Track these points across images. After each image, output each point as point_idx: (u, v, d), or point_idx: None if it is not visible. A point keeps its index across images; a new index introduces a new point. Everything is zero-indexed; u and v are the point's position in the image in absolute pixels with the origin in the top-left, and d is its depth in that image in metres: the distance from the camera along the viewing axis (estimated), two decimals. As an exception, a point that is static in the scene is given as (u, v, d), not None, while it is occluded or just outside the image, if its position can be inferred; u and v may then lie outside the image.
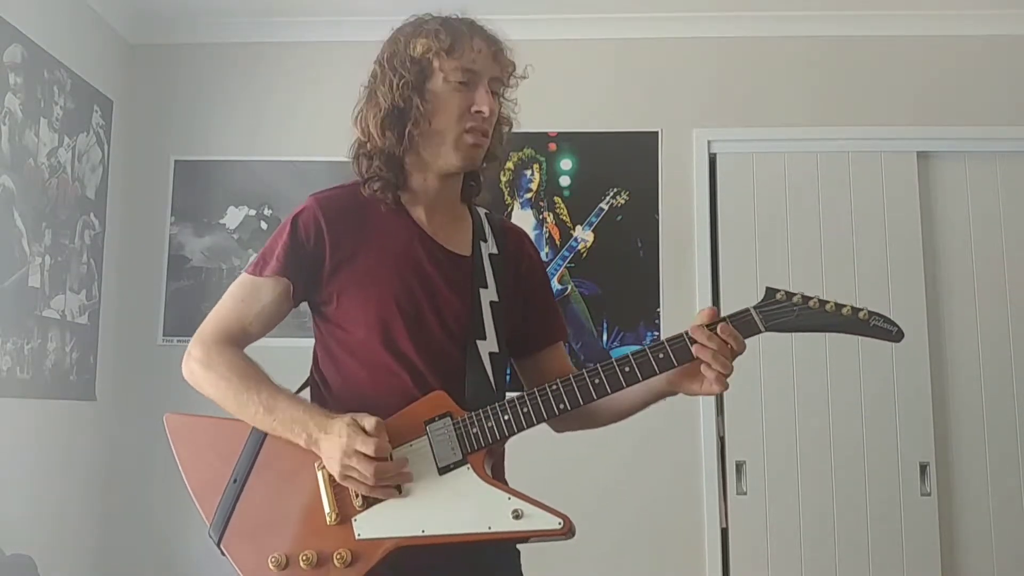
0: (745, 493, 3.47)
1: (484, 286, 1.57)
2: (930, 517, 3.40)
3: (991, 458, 3.47)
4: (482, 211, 1.68)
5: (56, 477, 3.32)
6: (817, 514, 3.43)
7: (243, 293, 1.54)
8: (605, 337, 3.59)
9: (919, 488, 3.42)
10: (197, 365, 1.51)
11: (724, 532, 3.46)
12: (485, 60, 1.53)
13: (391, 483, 1.40)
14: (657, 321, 3.58)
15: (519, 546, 1.54)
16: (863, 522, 3.42)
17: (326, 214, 1.53)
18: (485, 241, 1.62)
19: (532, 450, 1.56)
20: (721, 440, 3.54)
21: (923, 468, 3.43)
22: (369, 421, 1.39)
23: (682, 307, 3.57)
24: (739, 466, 3.49)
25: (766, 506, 3.46)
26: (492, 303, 1.56)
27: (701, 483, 3.48)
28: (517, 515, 1.38)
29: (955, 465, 3.48)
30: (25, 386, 3.11)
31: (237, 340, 1.53)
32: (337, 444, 1.38)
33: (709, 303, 3.56)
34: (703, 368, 1.42)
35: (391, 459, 1.40)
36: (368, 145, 1.54)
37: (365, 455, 1.37)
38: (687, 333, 1.44)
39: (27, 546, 3.00)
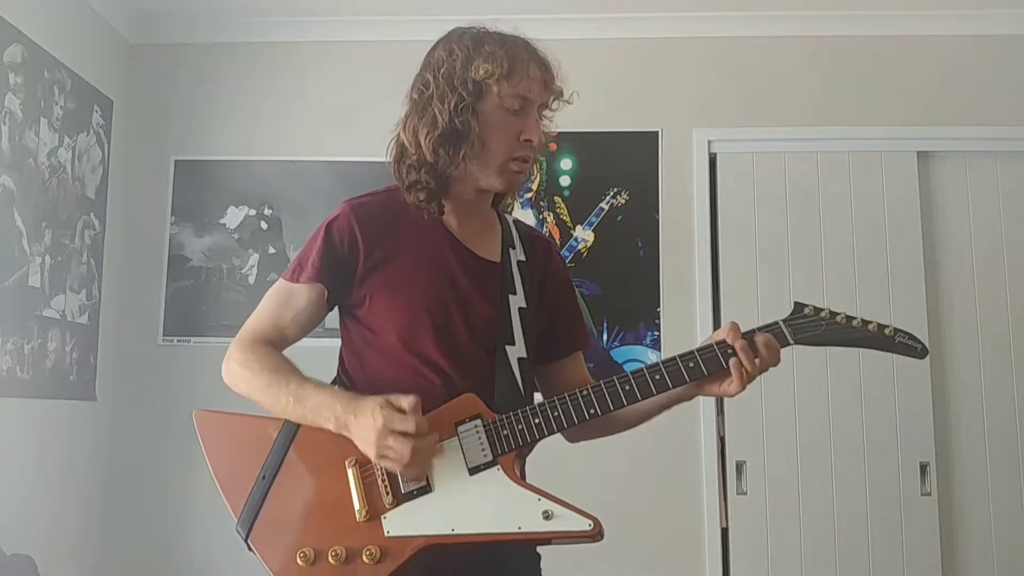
0: (745, 493, 3.47)
1: (513, 292, 1.59)
2: (930, 517, 3.40)
3: (991, 458, 3.47)
4: (510, 219, 1.71)
5: (56, 477, 3.32)
6: (817, 514, 3.43)
7: (279, 299, 1.57)
8: (605, 337, 3.59)
9: (919, 488, 3.42)
10: (235, 365, 1.53)
11: (724, 532, 3.46)
12: (538, 88, 1.54)
13: (425, 460, 1.41)
14: (657, 321, 3.58)
15: (540, 550, 1.56)
16: (863, 522, 3.42)
17: (360, 220, 1.55)
18: (514, 248, 1.64)
19: (532, 450, 1.56)
20: (721, 440, 3.54)
21: (923, 468, 3.43)
22: (406, 400, 1.40)
23: (682, 307, 3.58)
24: (739, 466, 3.49)
25: (766, 506, 3.46)
26: (520, 309, 1.59)
27: (701, 483, 3.48)
28: (547, 516, 1.40)
29: (955, 465, 3.48)
30: (25, 386, 3.11)
31: (274, 343, 1.56)
32: (371, 424, 1.38)
33: (709, 303, 3.57)
34: (732, 365, 1.45)
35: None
36: (415, 157, 1.54)
37: (404, 433, 1.37)
38: (716, 343, 1.47)
39: (27, 546, 3.01)
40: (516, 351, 1.56)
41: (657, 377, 1.46)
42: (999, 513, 3.44)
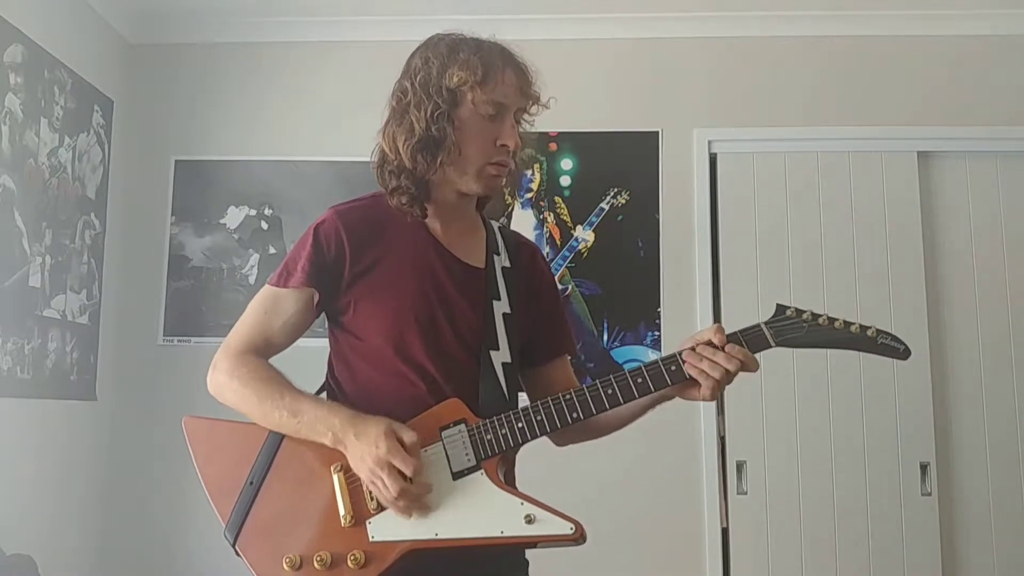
0: (745, 493, 3.47)
1: (497, 298, 1.60)
2: (930, 517, 3.40)
3: (991, 458, 3.47)
4: (495, 224, 1.72)
5: (56, 477, 3.32)
6: (817, 514, 3.43)
7: (267, 305, 1.57)
8: (605, 337, 3.59)
9: (919, 488, 3.42)
10: (222, 376, 1.53)
11: (724, 532, 3.46)
12: (514, 93, 1.56)
13: (410, 503, 1.41)
14: (657, 321, 3.58)
15: (528, 554, 1.56)
16: (863, 522, 3.42)
17: (346, 226, 1.55)
18: (498, 254, 1.66)
19: (531, 450, 1.56)
20: (721, 440, 3.54)
21: (923, 468, 3.43)
22: (409, 435, 1.41)
23: (683, 307, 3.58)
24: (739, 466, 3.49)
25: (766, 506, 3.46)
26: (504, 315, 1.60)
27: (701, 483, 3.48)
28: (530, 520, 1.41)
29: (955, 465, 3.48)
30: (25, 386, 3.12)
31: (261, 351, 1.56)
32: (372, 452, 1.39)
33: (710, 303, 3.57)
34: (700, 377, 1.46)
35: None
36: (395, 163, 1.56)
37: (400, 472, 1.39)
38: (695, 348, 1.47)
39: (27, 546, 3.01)
40: (500, 356, 1.57)
41: (639, 381, 1.47)
42: (999, 513, 3.44)
